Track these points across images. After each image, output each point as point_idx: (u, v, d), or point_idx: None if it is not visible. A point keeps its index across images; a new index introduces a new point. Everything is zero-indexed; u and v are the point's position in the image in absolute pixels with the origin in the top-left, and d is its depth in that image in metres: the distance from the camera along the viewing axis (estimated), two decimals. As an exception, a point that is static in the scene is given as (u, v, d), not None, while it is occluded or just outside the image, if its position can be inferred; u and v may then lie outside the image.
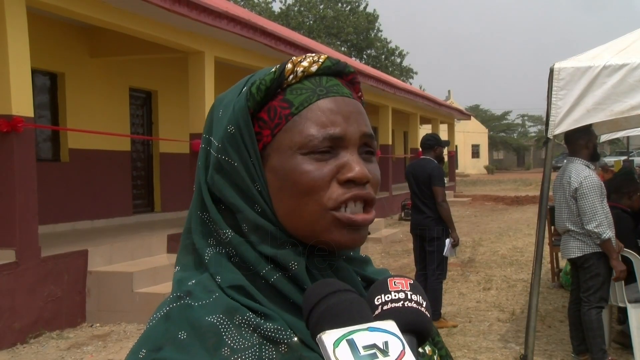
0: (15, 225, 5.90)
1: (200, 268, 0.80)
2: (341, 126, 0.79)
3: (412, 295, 0.73)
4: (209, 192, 0.82)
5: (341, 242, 0.79)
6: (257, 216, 0.79)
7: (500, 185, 32.26)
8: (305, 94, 0.80)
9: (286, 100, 0.80)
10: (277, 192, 0.79)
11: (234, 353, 0.72)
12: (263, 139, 0.80)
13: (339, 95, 0.81)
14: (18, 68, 5.96)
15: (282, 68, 0.81)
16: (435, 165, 6.26)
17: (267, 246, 0.78)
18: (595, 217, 4.57)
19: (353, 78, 0.87)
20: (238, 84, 0.85)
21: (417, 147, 17.24)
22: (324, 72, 0.83)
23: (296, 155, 0.78)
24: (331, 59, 0.84)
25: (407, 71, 41.02)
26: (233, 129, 0.80)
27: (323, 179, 0.78)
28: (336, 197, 0.78)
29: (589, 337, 4.73)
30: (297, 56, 0.83)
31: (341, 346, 0.64)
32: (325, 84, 0.82)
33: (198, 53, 8.93)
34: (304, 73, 0.81)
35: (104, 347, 5.82)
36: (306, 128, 0.78)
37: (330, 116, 0.79)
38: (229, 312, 0.74)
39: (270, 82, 0.80)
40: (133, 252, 7.59)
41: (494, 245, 11.71)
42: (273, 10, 38.79)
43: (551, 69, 4.37)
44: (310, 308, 0.71)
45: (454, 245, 6.21)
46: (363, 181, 0.79)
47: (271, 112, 0.80)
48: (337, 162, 0.79)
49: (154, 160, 11.52)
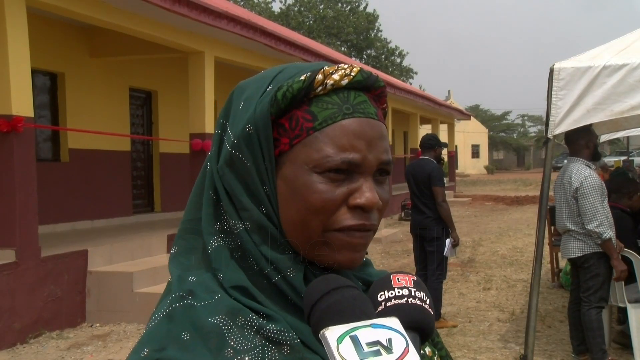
0: (15, 225, 5.90)
1: (199, 258, 0.80)
2: (361, 153, 0.78)
3: (415, 292, 0.73)
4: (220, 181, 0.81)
5: (339, 261, 0.79)
6: (263, 217, 0.79)
7: (500, 185, 32.26)
8: (331, 109, 0.78)
9: (310, 112, 0.78)
10: (285, 201, 0.79)
11: (236, 354, 0.72)
12: (280, 146, 0.79)
13: (364, 117, 0.80)
14: (18, 68, 5.97)
15: (312, 78, 0.78)
16: (435, 165, 6.26)
17: (267, 248, 0.78)
18: (595, 217, 4.57)
19: (381, 92, 0.85)
20: (264, 76, 0.83)
21: (417, 147, 17.24)
22: (354, 86, 0.81)
23: (311, 172, 0.77)
24: (363, 73, 0.81)
25: (407, 71, 41.02)
26: (252, 129, 0.79)
27: (334, 202, 0.77)
28: (342, 220, 0.78)
29: (589, 337, 4.73)
30: (329, 66, 0.81)
31: (344, 342, 0.64)
32: (353, 100, 0.80)
33: (198, 53, 8.93)
34: (333, 86, 0.79)
35: (104, 347, 5.82)
36: (326, 147, 0.77)
37: (352, 140, 0.78)
38: (231, 313, 0.74)
39: (298, 91, 0.78)
40: (133, 252, 7.58)
41: (494, 245, 11.71)
42: (273, 10, 38.80)
43: (551, 69, 4.37)
44: (312, 304, 0.70)
45: (454, 245, 6.21)
46: (372, 209, 0.79)
47: (293, 122, 0.78)
48: (350, 185, 0.78)
49: (154, 160, 11.52)
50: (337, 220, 0.77)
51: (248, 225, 0.79)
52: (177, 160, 11.13)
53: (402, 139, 24.85)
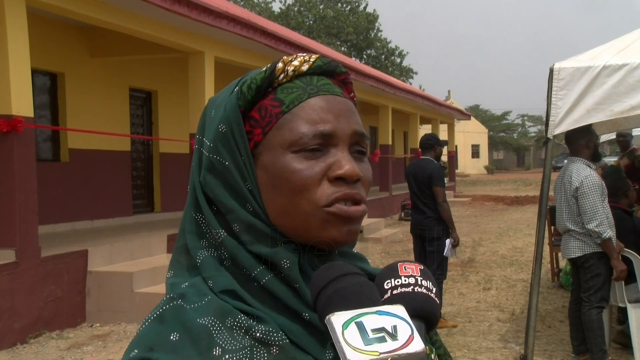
0: (15, 225, 5.90)
1: (192, 271, 0.81)
2: (331, 123, 0.79)
3: (422, 281, 0.73)
4: (202, 192, 0.82)
5: (335, 237, 0.78)
6: (249, 215, 0.79)
7: (500, 185, 32.26)
8: (296, 92, 0.80)
9: (277, 99, 0.80)
10: (269, 190, 0.79)
11: (225, 353, 0.72)
12: (254, 138, 0.80)
13: (330, 94, 0.81)
14: (18, 68, 5.96)
15: (273, 67, 0.81)
16: (436, 165, 6.26)
17: (259, 245, 0.78)
18: (595, 217, 4.57)
19: (345, 78, 0.87)
20: (230, 84, 0.86)
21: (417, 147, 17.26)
22: (315, 72, 0.83)
23: (287, 153, 0.78)
24: (322, 59, 0.84)
25: (407, 71, 41.00)
26: (224, 127, 0.80)
27: (314, 177, 0.78)
28: (327, 195, 0.78)
29: (589, 337, 4.72)
30: (288, 56, 0.84)
31: (350, 328, 0.64)
32: (316, 83, 0.82)
33: (198, 53, 8.93)
34: (294, 72, 0.81)
35: (104, 347, 5.82)
36: (297, 126, 0.78)
37: (320, 114, 0.79)
38: (220, 314, 0.75)
39: (261, 80, 0.81)
40: (133, 252, 7.58)
41: (494, 245, 11.71)
42: (273, 10, 38.79)
43: (551, 69, 4.37)
44: (318, 290, 0.71)
45: (454, 245, 6.21)
46: (353, 179, 0.79)
47: (262, 111, 0.80)
48: (327, 159, 0.79)
49: (154, 160, 11.51)
50: (322, 196, 0.78)
51: (236, 228, 0.79)
52: (177, 160, 11.13)
53: (402, 139, 24.85)
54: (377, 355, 0.62)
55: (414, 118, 20.76)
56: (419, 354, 0.64)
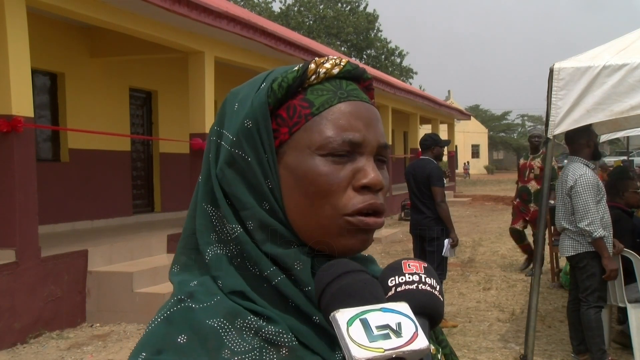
0: (15, 225, 5.90)
1: (200, 269, 0.80)
2: (361, 132, 0.79)
3: (426, 279, 0.74)
4: (219, 185, 0.81)
5: (350, 245, 0.79)
6: (265, 214, 0.78)
7: (500, 185, 32.24)
8: (326, 95, 0.80)
9: (307, 100, 0.80)
10: (291, 190, 0.79)
11: (234, 355, 0.72)
12: (280, 137, 0.80)
13: (359, 100, 0.82)
14: (18, 68, 5.96)
15: (305, 67, 0.81)
16: (435, 165, 6.26)
17: (272, 245, 0.78)
18: (587, 215, 4.57)
19: (369, 84, 0.87)
20: (255, 79, 0.85)
21: (417, 147, 17.24)
22: (344, 76, 0.83)
23: (314, 156, 0.78)
24: (351, 63, 0.84)
25: (407, 71, 41.01)
26: (250, 123, 0.80)
27: (340, 183, 0.78)
28: (352, 204, 0.78)
29: (588, 336, 4.72)
30: (320, 57, 0.84)
31: (354, 325, 0.65)
32: (346, 87, 0.82)
33: (198, 53, 8.93)
34: (325, 74, 0.81)
35: (104, 347, 5.82)
36: (326, 129, 0.78)
37: (350, 120, 0.79)
38: (230, 315, 0.74)
39: (293, 80, 0.80)
40: (133, 252, 7.58)
41: (494, 245, 11.71)
42: (273, 10, 38.79)
43: (551, 69, 4.37)
44: (323, 287, 0.71)
45: (452, 245, 6.21)
46: (377, 187, 0.79)
47: (290, 110, 0.80)
48: (353, 166, 0.79)
49: (154, 160, 11.51)
50: (347, 204, 0.78)
51: (250, 225, 0.78)
52: (177, 160, 11.13)
53: (402, 139, 24.85)
54: (381, 352, 0.63)
55: (414, 118, 20.77)
56: (423, 351, 0.64)
